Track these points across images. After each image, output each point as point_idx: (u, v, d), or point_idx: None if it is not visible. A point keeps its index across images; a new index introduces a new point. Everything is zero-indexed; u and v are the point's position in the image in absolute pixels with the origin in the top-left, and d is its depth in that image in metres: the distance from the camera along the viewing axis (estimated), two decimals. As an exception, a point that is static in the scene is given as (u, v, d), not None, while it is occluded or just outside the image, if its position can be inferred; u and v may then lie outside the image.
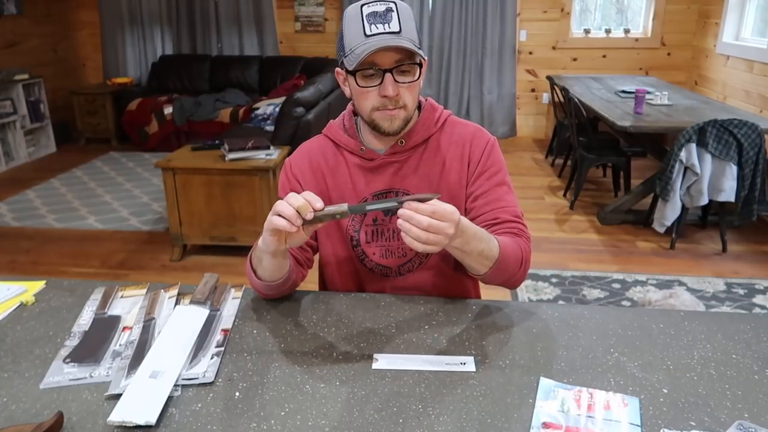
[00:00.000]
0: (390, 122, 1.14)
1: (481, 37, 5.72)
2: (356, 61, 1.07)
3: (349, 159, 1.24)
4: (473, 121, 6.16)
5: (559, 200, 4.29)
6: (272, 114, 4.84)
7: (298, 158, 1.28)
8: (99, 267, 3.27)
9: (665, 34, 5.61)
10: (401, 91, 1.11)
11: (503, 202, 1.20)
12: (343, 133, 1.25)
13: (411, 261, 1.26)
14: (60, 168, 5.11)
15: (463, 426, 0.85)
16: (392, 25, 1.07)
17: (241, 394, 0.92)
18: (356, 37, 1.09)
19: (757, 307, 2.80)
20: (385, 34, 1.07)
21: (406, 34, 1.08)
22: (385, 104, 1.12)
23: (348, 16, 1.11)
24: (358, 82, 1.11)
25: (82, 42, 6.32)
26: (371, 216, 1.24)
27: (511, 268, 1.12)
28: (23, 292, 1.23)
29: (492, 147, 1.24)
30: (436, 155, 1.23)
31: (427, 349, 1.04)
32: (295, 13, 5.96)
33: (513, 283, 1.17)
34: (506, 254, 1.09)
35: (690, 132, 3.18)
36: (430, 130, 1.23)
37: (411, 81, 1.12)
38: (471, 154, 1.23)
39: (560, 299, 2.86)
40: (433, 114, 1.25)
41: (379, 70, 1.09)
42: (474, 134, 1.25)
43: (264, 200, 3.13)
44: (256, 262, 1.13)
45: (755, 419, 0.86)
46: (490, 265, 1.07)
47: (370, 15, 1.08)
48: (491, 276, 1.10)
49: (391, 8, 1.08)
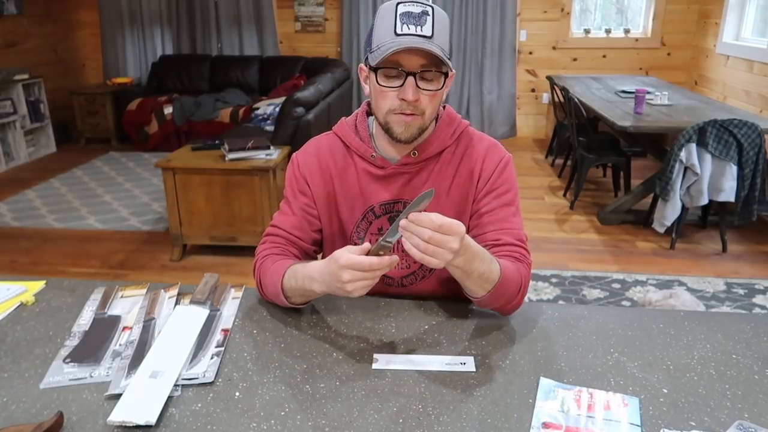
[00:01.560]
0: (404, 128, 1.10)
1: (481, 37, 5.72)
2: (380, 58, 1.04)
3: (359, 163, 1.20)
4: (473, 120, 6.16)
5: (559, 200, 4.29)
6: (272, 114, 4.84)
7: (306, 156, 1.24)
8: (99, 267, 3.27)
9: (665, 34, 5.61)
10: (422, 97, 1.07)
11: (508, 223, 1.16)
12: (355, 135, 1.21)
13: (414, 273, 1.24)
14: (60, 168, 5.11)
15: (463, 426, 0.85)
16: (425, 28, 1.04)
17: (241, 394, 0.92)
18: (386, 34, 1.05)
19: (757, 307, 2.80)
20: (416, 36, 1.03)
21: (438, 40, 1.05)
22: (403, 108, 1.08)
23: (381, 12, 1.07)
24: (379, 81, 1.07)
25: (82, 42, 6.32)
26: (376, 225, 1.21)
27: (508, 294, 1.08)
28: (23, 292, 1.23)
29: (505, 165, 1.19)
30: (448, 168, 1.19)
31: (427, 349, 1.04)
32: (295, 13, 5.96)
33: (507, 310, 1.12)
34: (506, 279, 1.05)
35: (690, 132, 3.18)
36: (446, 142, 1.19)
37: (434, 90, 1.07)
38: (482, 170, 1.19)
39: (560, 299, 2.86)
40: (451, 126, 1.20)
41: (402, 72, 1.05)
42: (488, 150, 1.20)
43: (264, 200, 3.13)
44: (297, 295, 1.09)
45: (755, 419, 0.86)
46: (489, 289, 1.03)
47: (404, 15, 1.04)
48: (488, 300, 1.06)
49: (426, 11, 1.04)
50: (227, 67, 5.89)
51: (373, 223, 1.21)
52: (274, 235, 1.22)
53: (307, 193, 1.22)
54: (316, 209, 1.23)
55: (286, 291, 1.09)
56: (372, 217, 1.21)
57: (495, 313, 1.15)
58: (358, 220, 1.22)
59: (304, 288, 1.06)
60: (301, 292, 1.08)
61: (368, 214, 1.21)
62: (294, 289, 1.08)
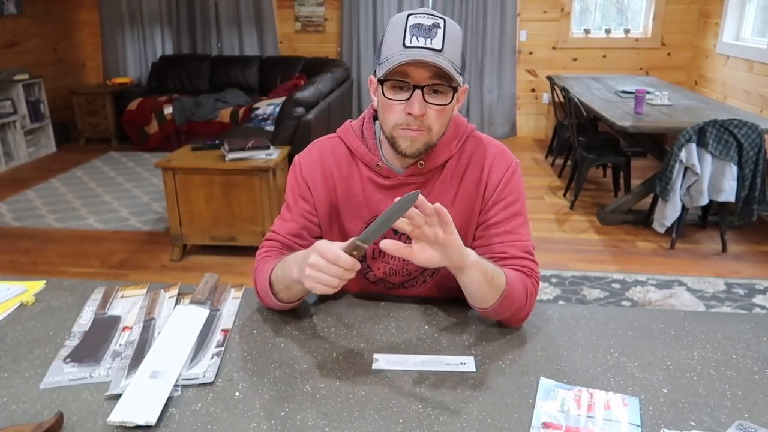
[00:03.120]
0: (410, 143, 1.07)
1: (481, 37, 5.72)
2: (387, 70, 1.02)
3: (364, 171, 1.18)
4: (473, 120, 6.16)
5: (559, 200, 4.29)
6: (272, 114, 4.84)
7: (310, 161, 1.21)
8: (99, 267, 3.27)
9: (665, 34, 5.61)
10: (428, 112, 1.04)
11: (516, 235, 1.14)
12: (361, 142, 1.18)
13: (415, 278, 1.23)
14: (60, 168, 5.11)
15: (463, 426, 0.85)
16: (435, 42, 1.01)
17: (241, 394, 0.92)
18: (394, 46, 1.02)
19: (757, 307, 2.80)
20: (425, 49, 1.00)
21: (448, 54, 1.02)
22: (409, 122, 1.05)
23: (392, 24, 1.05)
24: (386, 93, 1.05)
25: (82, 42, 6.32)
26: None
27: (515, 306, 1.07)
28: (23, 292, 1.23)
29: (512, 173, 1.16)
30: (453, 176, 1.17)
31: (427, 349, 1.04)
32: (295, 13, 5.96)
33: (515, 322, 1.11)
34: (512, 291, 1.04)
35: (690, 132, 3.18)
36: (452, 151, 1.16)
37: (441, 104, 1.04)
38: (489, 179, 1.16)
39: (560, 299, 2.86)
40: (457, 132, 1.17)
41: (409, 85, 1.02)
42: (495, 157, 1.17)
43: (264, 200, 3.13)
44: (281, 287, 1.09)
45: (755, 419, 0.86)
46: (496, 299, 1.03)
47: (414, 27, 1.01)
48: (494, 311, 1.05)
49: (438, 24, 1.01)
50: (227, 67, 5.89)
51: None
52: (273, 240, 1.21)
53: (308, 199, 1.20)
54: (316, 216, 1.21)
55: (273, 284, 1.10)
56: None
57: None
58: (361, 229, 1.20)
59: (284, 276, 1.06)
60: (284, 282, 1.07)
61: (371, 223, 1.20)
62: (279, 280, 1.08)
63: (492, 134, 5.93)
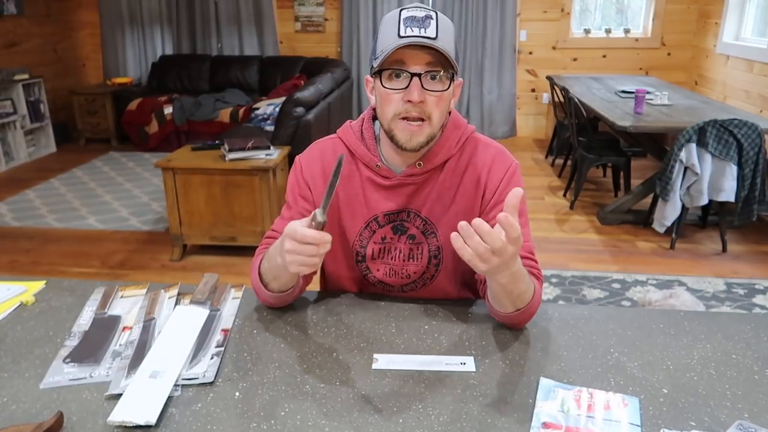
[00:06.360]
0: (409, 137, 1.07)
1: (481, 36, 5.72)
2: (383, 58, 1.02)
3: (363, 171, 1.18)
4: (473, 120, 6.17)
5: (559, 200, 4.29)
6: (272, 114, 4.84)
7: (310, 160, 1.22)
8: (99, 267, 3.27)
9: (665, 34, 5.61)
10: (427, 99, 1.04)
11: None
12: (360, 142, 1.18)
13: (414, 282, 1.23)
14: (60, 168, 5.11)
15: (463, 426, 0.85)
16: (428, 30, 1.02)
17: (241, 394, 0.92)
18: (389, 38, 1.03)
19: (757, 307, 2.80)
20: (420, 37, 1.01)
21: (442, 43, 1.02)
22: (408, 110, 1.05)
23: (385, 20, 1.06)
24: (383, 83, 1.05)
25: (82, 42, 6.32)
26: (380, 234, 1.19)
27: (531, 314, 1.09)
28: (23, 292, 1.23)
29: (512, 175, 1.16)
30: (453, 177, 1.17)
31: (427, 349, 1.04)
32: (295, 13, 5.96)
33: (521, 325, 1.12)
34: (536, 302, 1.07)
35: (690, 132, 3.18)
36: (451, 151, 1.16)
37: (440, 90, 1.05)
38: (488, 181, 1.16)
39: (560, 299, 2.86)
40: (456, 133, 1.17)
41: (407, 73, 1.03)
42: (495, 159, 1.17)
43: (264, 200, 3.13)
44: (270, 278, 1.10)
45: (755, 419, 0.86)
46: (521, 307, 1.04)
47: (408, 19, 1.03)
48: (513, 318, 1.06)
49: (430, 16, 1.03)
50: (227, 67, 5.89)
51: (376, 232, 1.20)
52: (272, 238, 1.21)
53: (308, 198, 1.21)
54: None
55: (263, 276, 1.11)
56: (375, 227, 1.20)
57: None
58: (361, 229, 1.20)
59: (271, 265, 1.07)
60: (272, 272, 1.09)
61: (372, 223, 1.20)
62: (267, 271, 1.10)
63: (492, 134, 5.97)
